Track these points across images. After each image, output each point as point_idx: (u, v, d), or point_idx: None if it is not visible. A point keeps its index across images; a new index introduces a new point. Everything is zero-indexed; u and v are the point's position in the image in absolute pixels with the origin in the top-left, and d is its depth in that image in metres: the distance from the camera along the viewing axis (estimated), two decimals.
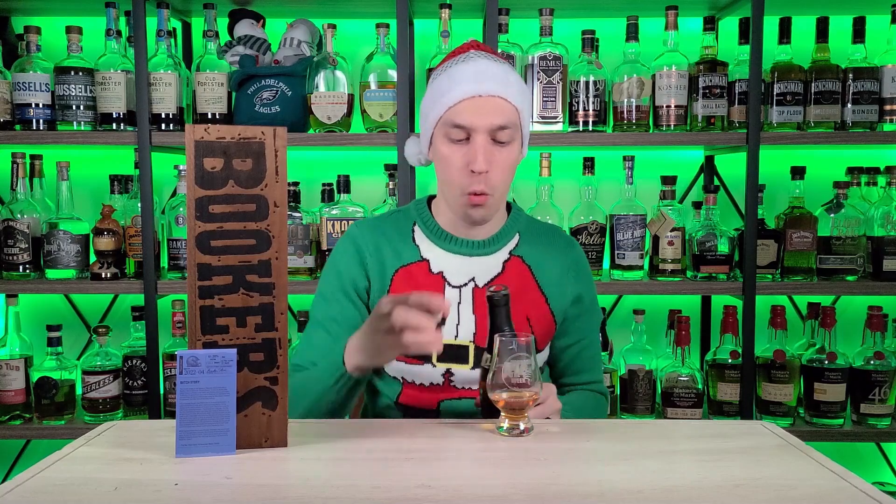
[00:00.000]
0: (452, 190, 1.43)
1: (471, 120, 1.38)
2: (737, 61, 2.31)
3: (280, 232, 1.15)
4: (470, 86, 1.38)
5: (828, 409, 2.30)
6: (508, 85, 1.41)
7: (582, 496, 0.97)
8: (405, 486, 1.00)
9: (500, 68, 1.42)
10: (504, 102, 1.39)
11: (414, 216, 1.55)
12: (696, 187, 2.59)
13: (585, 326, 1.58)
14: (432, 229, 1.52)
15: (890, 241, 2.29)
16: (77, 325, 2.61)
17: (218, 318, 1.14)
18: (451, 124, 1.40)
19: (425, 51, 2.51)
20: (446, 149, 1.42)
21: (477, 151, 1.38)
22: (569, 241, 1.60)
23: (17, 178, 2.34)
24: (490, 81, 1.39)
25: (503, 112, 1.39)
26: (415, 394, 1.47)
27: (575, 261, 1.56)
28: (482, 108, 1.38)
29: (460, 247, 1.50)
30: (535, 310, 1.50)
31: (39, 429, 2.35)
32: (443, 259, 1.50)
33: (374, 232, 1.53)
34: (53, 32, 2.45)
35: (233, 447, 1.12)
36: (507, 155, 1.41)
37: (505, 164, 1.41)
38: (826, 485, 1.02)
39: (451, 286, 1.48)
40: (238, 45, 2.36)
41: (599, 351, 1.64)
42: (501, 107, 1.39)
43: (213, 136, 1.13)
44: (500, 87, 1.39)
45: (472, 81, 1.39)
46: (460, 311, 1.47)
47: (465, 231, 1.50)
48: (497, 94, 1.39)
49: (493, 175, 1.40)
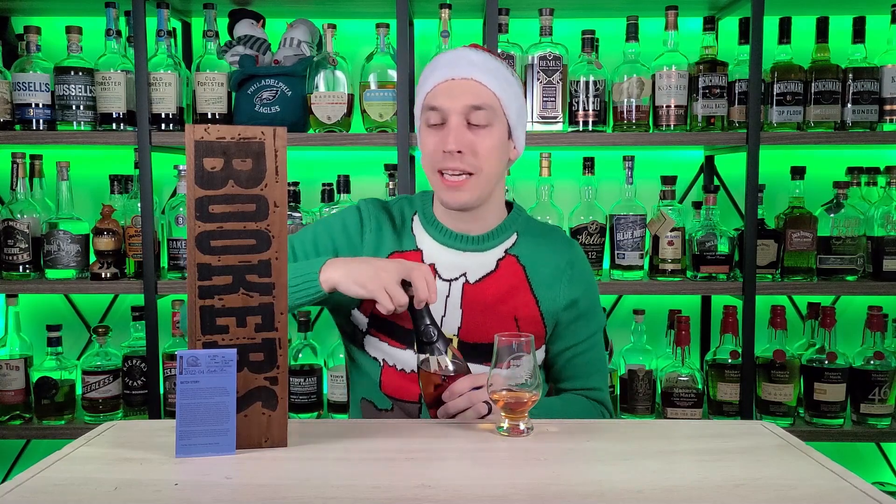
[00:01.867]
0: (428, 172, 1.46)
1: (443, 101, 1.40)
2: (737, 61, 2.31)
3: (280, 232, 1.15)
4: (445, 70, 1.42)
5: (828, 409, 2.30)
6: (487, 71, 1.41)
7: (582, 496, 0.97)
8: (405, 486, 1.00)
9: (480, 56, 1.43)
10: (479, 85, 1.40)
11: (417, 206, 1.56)
12: (696, 187, 2.59)
13: (580, 332, 1.53)
14: (429, 220, 1.52)
15: (890, 241, 2.29)
16: (77, 325, 2.61)
17: (218, 318, 1.14)
18: (428, 108, 1.43)
19: (425, 51, 2.51)
20: (424, 133, 1.45)
21: (449, 131, 1.39)
22: (568, 243, 1.56)
23: (17, 178, 2.34)
24: (466, 66, 1.41)
25: (477, 94, 1.40)
26: (399, 383, 1.47)
27: (571, 263, 1.52)
28: (455, 89, 1.41)
29: (454, 241, 1.50)
30: (524, 310, 1.48)
31: (39, 429, 2.35)
32: (436, 251, 1.50)
33: (380, 211, 1.55)
34: (53, 32, 2.45)
35: (233, 447, 1.12)
36: (485, 139, 1.41)
37: (482, 147, 1.41)
38: (826, 485, 1.02)
39: (441, 279, 1.48)
40: (238, 45, 2.36)
41: (600, 358, 1.57)
42: (476, 89, 1.40)
43: (213, 136, 1.13)
44: (476, 71, 1.41)
45: (448, 66, 1.42)
46: (447, 304, 1.47)
47: (460, 225, 1.50)
48: (472, 76, 1.40)
49: (472, 158, 1.40)
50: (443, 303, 1.46)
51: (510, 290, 1.48)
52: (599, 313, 1.57)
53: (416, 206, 1.56)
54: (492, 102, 1.41)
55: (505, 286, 1.47)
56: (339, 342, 2.36)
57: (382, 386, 1.48)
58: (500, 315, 1.46)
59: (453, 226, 1.50)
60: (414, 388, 1.46)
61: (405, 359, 1.46)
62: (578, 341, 1.54)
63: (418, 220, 1.54)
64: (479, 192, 1.43)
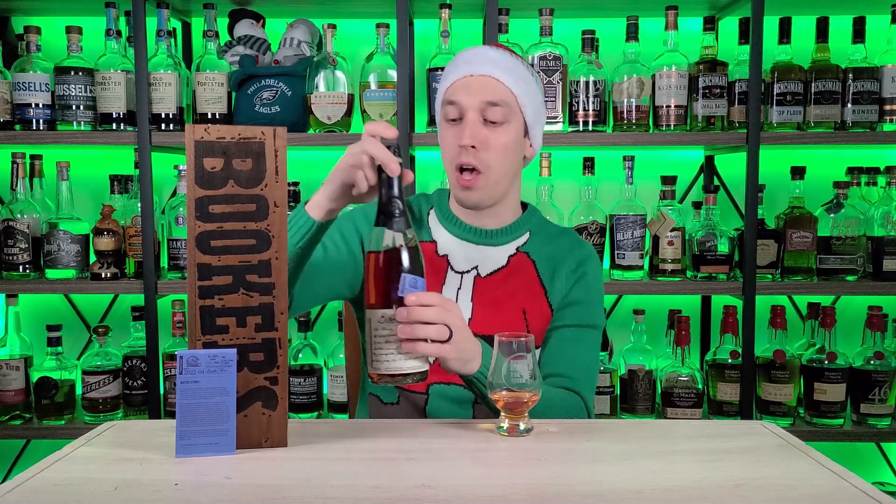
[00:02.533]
0: (446, 167, 1.47)
1: (461, 97, 1.42)
2: (737, 61, 2.31)
3: (280, 232, 1.15)
4: (464, 66, 1.44)
5: (828, 409, 2.30)
6: (505, 69, 1.43)
7: (582, 496, 0.97)
8: (405, 486, 1.00)
9: (499, 54, 1.44)
10: (496, 82, 1.42)
11: (434, 201, 1.58)
12: (696, 187, 2.59)
13: (568, 316, 1.48)
14: (445, 213, 1.54)
15: (890, 241, 2.29)
16: (77, 325, 2.61)
17: (218, 318, 1.14)
18: (446, 103, 1.45)
19: (425, 51, 2.51)
20: (443, 129, 1.47)
21: (465, 126, 1.41)
22: (580, 244, 1.56)
23: (17, 178, 2.33)
24: (485, 63, 1.43)
25: (494, 90, 1.41)
26: None
27: (581, 263, 1.51)
28: (472, 85, 1.42)
29: (468, 233, 1.51)
30: (533, 305, 1.49)
31: (39, 429, 2.35)
32: (450, 243, 1.52)
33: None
34: (53, 32, 2.45)
35: (233, 447, 1.12)
36: (500, 136, 1.42)
37: (497, 144, 1.41)
38: (826, 485, 1.02)
39: (454, 271, 1.50)
40: (238, 45, 2.36)
41: (588, 357, 1.49)
42: (493, 85, 1.41)
43: (213, 136, 1.13)
44: (493, 68, 1.42)
45: (467, 63, 1.44)
46: (459, 297, 1.48)
47: (474, 219, 1.51)
48: (489, 73, 1.42)
49: (484, 154, 1.41)
50: (454, 295, 1.48)
51: (520, 286, 1.49)
52: (597, 313, 1.53)
53: (433, 202, 1.58)
54: (508, 99, 1.42)
55: (515, 281, 1.49)
56: (340, 342, 2.36)
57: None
58: (509, 309, 1.47)
59: (468, 220, 1.52)
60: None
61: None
62: (556, 324, 1.49)
63: (434, 214, 1.56)
64: (491, 190, 1.45)
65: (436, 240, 1.53)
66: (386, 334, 1.16)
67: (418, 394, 1.47)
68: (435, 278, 1.49)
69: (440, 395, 1.46)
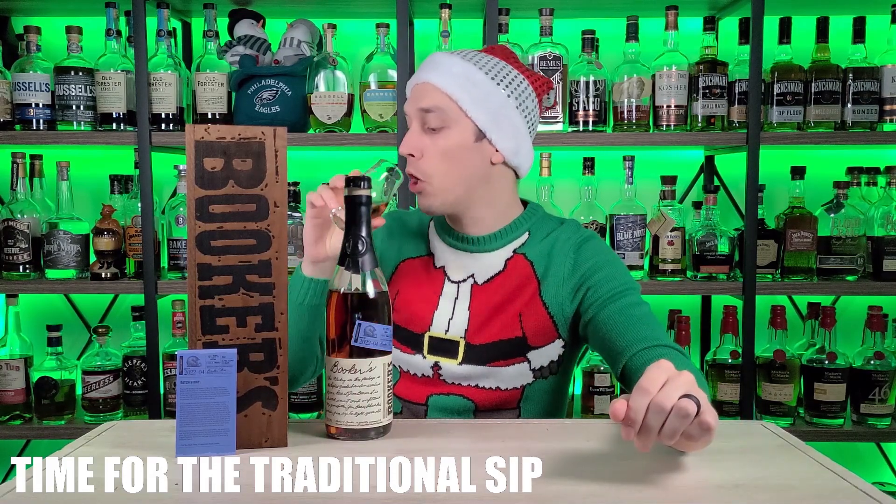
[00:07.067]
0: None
1: (406, 106, 1.45)
2: (737, 61, 2.31)
3: (280, 232, 1.15)
4: (415, 75, 1.46)
5: (828, 409, 2.30)
6: (449, 74, 1.39)
7: (582, 496, 0.97)
8: (405, 487, 1.00)
9: (450, 59, 1.42)
10: (432, 88, 1.40)
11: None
12: (696, 187, 2.59)
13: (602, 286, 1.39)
14: (441, 224, 1.53)
15: (890, 241, 2.29)
16: (77, 325, 2.61)
17: (218, 318, 1.14)
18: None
19: (425, 51, 2.51)
20: None
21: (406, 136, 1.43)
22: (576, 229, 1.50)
23: (17, 178, 2.34)
24: (429, 70, 1.42)
25: (427, 96, 1.40)
26: (408, 384, 1.48)
27: (577, 245, 1.45)
28: (414, 93, 1.43)
29: (461, 242, 1.49)
30: (528, 307, 1.44)
31: (39, 429, 2.35)
32: (446, 253, 1.51)
33: (397, 222, 1.58)
34: (53, 32, 2.45)
35: (233, 447, 1.12)
36: (437, 141, 1.39)
37: (434, 151, 1.39)
38: (826, 485, 1.02)
39: (450, 281, 1.48)
40: (238, 45, 2.36)
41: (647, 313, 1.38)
42: (428, 91, 1.40)
43: (213, 136, 1.13)
44: (432, 74, 1.41)
45: (417, 71, 1.46)
46: (456, 306, 1.46)
47: (460, 227, 1.49)
48: (427, 80, 1.41)
49: (421, 162, 1.41)
50: (451, 305, 1.46)
51: (517, 289, 1.45)
52: (624, 275, 1.43)
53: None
54: (444, 104, 1.38)
55: (512, 286, 1.45)
56: None
57: (395, 389, 1.50)
58: (505, 315, 1.45)
59: (457, 228, 1.50)
60: (420, 390, 1.47)
61: (415, 363, 1.47)
62: (611, 294, 1.39)
63: (433, 225, 1.56)
64: (441, 197, 1.41)
65: (433, 252, 1.52)
66: (339, 385, 1.15)
67: (418, 405, 1.48)
68: (432, 290, 1.48)
69: (437, 406, 1.46)
